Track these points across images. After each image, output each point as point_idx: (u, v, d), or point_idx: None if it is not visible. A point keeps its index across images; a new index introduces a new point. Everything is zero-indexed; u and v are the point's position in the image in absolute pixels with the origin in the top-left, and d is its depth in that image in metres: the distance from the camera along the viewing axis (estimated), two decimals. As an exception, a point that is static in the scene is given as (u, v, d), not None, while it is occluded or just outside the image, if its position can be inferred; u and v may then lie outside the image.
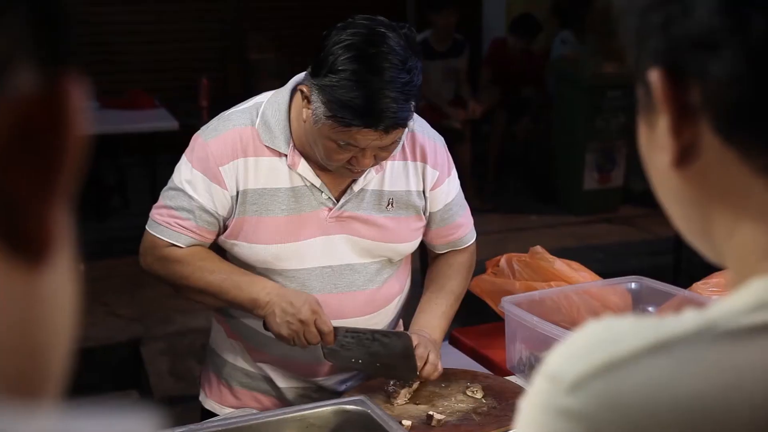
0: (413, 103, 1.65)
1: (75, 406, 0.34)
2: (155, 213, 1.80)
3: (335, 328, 1.76)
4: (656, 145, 0.58)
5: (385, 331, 1.85)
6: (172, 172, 1.82)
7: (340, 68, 1.60)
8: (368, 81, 1.59)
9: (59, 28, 0.36)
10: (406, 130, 1.72)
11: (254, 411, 1.83)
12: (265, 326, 1.78)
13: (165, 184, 1.84)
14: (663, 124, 0.56)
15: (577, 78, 6.36)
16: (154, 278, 1.86)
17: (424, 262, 2.07)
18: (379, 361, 1.81)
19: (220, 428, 1.58)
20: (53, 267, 0.37)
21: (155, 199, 1.83)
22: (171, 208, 1.77)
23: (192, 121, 5.63)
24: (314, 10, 8.17)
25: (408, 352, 1.80)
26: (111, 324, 4.45)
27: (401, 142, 1.78)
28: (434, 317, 1.92)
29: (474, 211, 2.06)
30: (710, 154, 0.55)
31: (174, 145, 5.67)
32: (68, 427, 0.34)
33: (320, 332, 1.75)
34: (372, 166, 1.74)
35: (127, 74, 7.53)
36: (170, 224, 1.77)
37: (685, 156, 0.56)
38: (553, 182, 6.75)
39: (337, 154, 1.68)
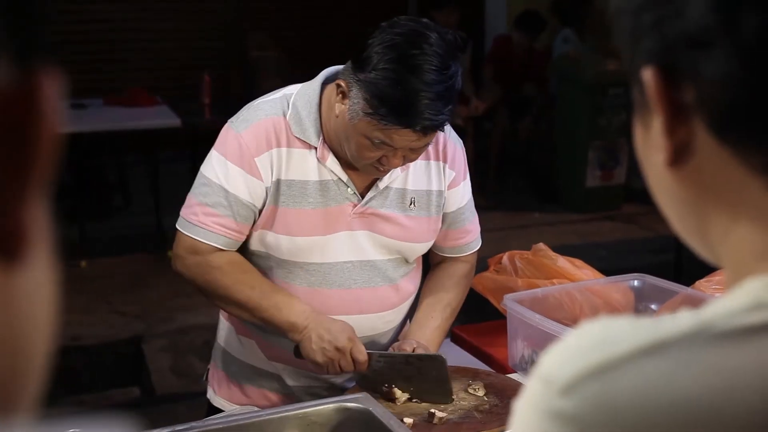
0: (451, 107, 1.65)
1: (52, 416, 0.34)
2: (189, 213, 1.77)
3: (368, 354, 1.77)
4: (651, 145, 0.58)
5: (419, 354, 1.83)
6: (174, 169, 1.81)
7: (383, 67, 1.60)
8: (410, 82, 1.59)
9: (35, 22, 0.35)
10: None
11: (256, 408, 1.83)
12: (296, 352, 1.78)
13: (167, 181, 1.82)
14: (657, 123, 0.56)
15: (579, 76, 6.35)
16: (188, 282, 1.82)
17: (427, 263, 2.07)
18: (412, 385, 1.79)
19: (221, 425, 1.57)
20: (30, 265, 0.36)
21: (157, 198, 1.82)
22: (206, 205, 1.74)
23: (194, 118, 5.64)
24: (314, 8, 8.17)
25: (442, 376, 1.78)
26: (113, 321, 4.46)
27: None
28: (429, 330, 1.92)
29: (476, 209, 2.06)
30: (705, 154, 0.55)
31: (176, 143, 5.69)
32: None
33: (354, 360, 1.75)
34: (400, 166, 1.74)
35: (128, 72, 7.53)
36: (207, 224, 1.74)
37: (679, 155, 0.55)
38: (555, 180, 6.75)
39: (369, 151, 1.68)
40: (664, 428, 0.50)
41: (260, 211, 1.77)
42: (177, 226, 1.80)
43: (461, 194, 1.93)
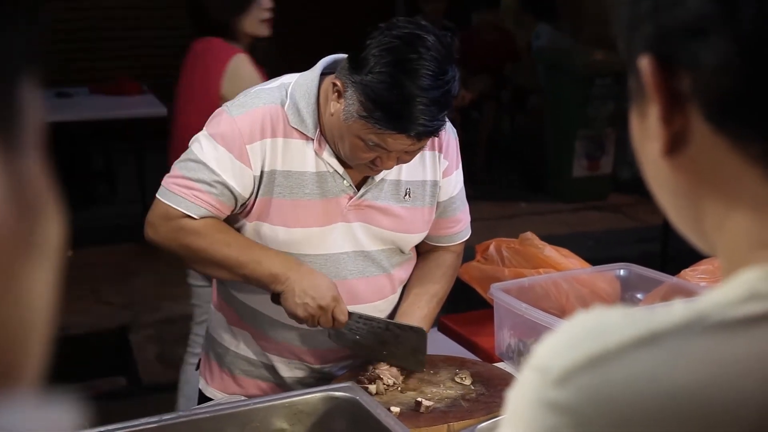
0: (447, 112, 1.64)
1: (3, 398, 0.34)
2: (170, 182, 1.75)
3: (349, 314, 1.77)
4: (648, 134, 0.57)
5: (400, 323, 1.85)
6: (160, 158, 1.80)
7: (379, 70, 1.59)
8: (406, 86, 1.58)
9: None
10: None
11: (243, 398, 1.82)
12: (274, 299, 1.77)
13: (153, 170, 1.81)
14: (654, 112, 0.56)
15: (565, 67, 6.36)
16: (162, 249, 1.80)
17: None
18: (386, 349, 1.82)
19: (208, 415, 1.57)
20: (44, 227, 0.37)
21: (143, 187, 1.81)
22: (189, 179, 1.73)
23: (180, 107, 5.60)
24: (303, -3, 8.14)
25: (419, 347, 1.81)
26: (99, 311, 4.44)
27: None
28: (415, 320, 1.91)
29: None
30: (701, 143, 0.54)
31: (162, 132, 5.65)
32: None
33: (335, 319, 1.76)
34: (393, 167, 1.74)
35: (114, 61, 7.49)
36: (186, 195, 1.73)
37: (675, 144, 0.55)
38: (542, 170, 6.76)
39: (363, 152, 1.67)
40: (659, 418, 0.50)
41: (249, 201, 1.76)
42: (157, 195, 1.78)
43: (453, 183, 1.92)
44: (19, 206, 0.35)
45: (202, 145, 1.73)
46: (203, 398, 1.97)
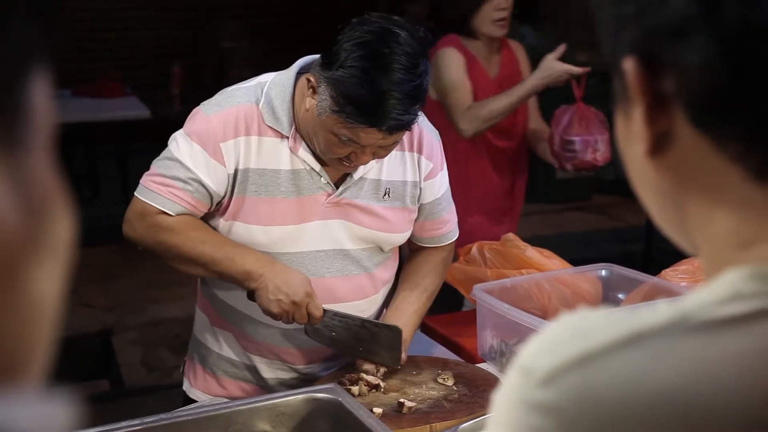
0: (418, 105, 1.65)
1: None
2: (147, 180, 1.77)
3: (324, 310, 1.78)
4: (632, 135, 0.58)
5: (376, 321, 1.87)
6: (143, 160, 1.80)
7: (350, 65, 1.59)
8: (377, 81, 1.58)
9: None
10: None
11: (225, 400, 1.82)
12: (250, 296, 1.78)
13: (136, 173, 1.81)
14: (638, 113, 0.56)
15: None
16: (139, 246, 1.81)
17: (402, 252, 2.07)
18: (362, 346, 1.83)
19: (190, 417, 1.57)
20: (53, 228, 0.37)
21: (126, 189, 1.82)
22: (165, 176, 1.74)
23: (164, 109, 5.60)
24: (287, -3, 8.13)
25: (394, 344, 1.82)
26: (82, 314, 4.42)
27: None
28: (406, 315, 1.93)
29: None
30: (685, 143, 0.55)
31: (145, 134, 5.64)
32: None
33: (309, 315, 1.76)
34: (368, 162, 1.74)
35: (97, 62, 7.46)
36: (162, 192, 1.74)
37: (659, 145, 0.56)
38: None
39: (338, 147, 1.68)
40: (644, 418, 0.50)
41: (224, 199, 1.77)
42: (135, 193, 1.79)
43: (438, 185, 1.93)
44: (25, 204, 0.35)
45: (179, 144, 1.75)
46: (187, 400, 1.97)
